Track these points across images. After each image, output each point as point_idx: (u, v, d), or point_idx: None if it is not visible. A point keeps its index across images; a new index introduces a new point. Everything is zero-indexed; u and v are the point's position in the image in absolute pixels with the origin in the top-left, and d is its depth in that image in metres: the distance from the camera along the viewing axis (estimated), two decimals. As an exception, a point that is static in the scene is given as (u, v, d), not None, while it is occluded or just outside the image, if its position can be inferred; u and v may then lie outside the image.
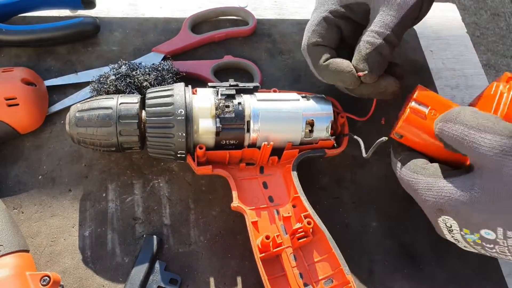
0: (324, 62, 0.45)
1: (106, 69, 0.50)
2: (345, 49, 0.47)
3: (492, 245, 0.37)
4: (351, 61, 0.45)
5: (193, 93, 0.44)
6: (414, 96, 0.42)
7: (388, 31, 0.43)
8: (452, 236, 0.40)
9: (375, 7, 0.45)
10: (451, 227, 0.38)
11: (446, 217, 0.38)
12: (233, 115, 0.43)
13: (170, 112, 0.41)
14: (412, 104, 0.41)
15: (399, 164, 0.42)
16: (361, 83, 0.44)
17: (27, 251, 0.39)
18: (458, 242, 0.40)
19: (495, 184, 0.34)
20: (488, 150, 0.34)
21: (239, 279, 0.43)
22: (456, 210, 0.36)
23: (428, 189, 0.38)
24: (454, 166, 0.40)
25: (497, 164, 0.34)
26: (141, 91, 0.48)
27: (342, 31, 0.47)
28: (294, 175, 0.44)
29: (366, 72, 0.43)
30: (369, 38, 0.43)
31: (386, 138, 0.42)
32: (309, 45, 0.46)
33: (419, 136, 0.41)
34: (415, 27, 0.60)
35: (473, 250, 0.40)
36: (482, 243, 0.37)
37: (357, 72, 0.44)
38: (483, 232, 0.36)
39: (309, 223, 0.41)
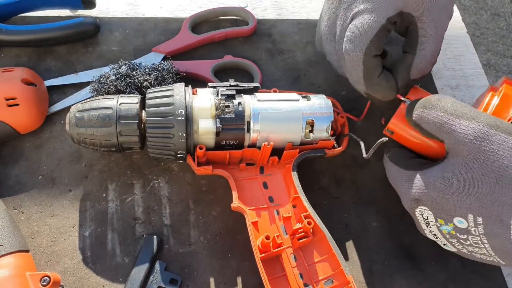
0: (378, 76, 0.43)
1: (106, 69, 0.50)
2: None
3: (465, 236, 0.37)
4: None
5: (193, 93, 0.44)
6: (407, 95, 0.43)
7: (436, 58, 0.43)
8: (431, 231, 0.40)
9: (425, 26, 0.41)
10: (427, 219, 0.39)
11: (422, 207, 0.39)
12: (233, 115, 0.43)
13: (170, 113, 0.41)
14: (405, 102, 0.43)
15: (387, 160, 0.44)
16: None
17: (27, 251, 0.39)
18: (437, 238, 0.41)
19: (467, 170, 0.35)
20: (464, 136, 0.35)
21: (239, 280, 0.43)
22: (431, 198, 0.37)
23: (407, 181, 0.40)
24: None
25: (471, 149, 0.35)
26: (141, 91, 0.48)
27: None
28: (294, 175, 0.44)
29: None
30: (422, 66, 0.42)
31: (387, 138, 0.43)
32: (366, 55, 0.42)
33: (407, 133, 0.42)
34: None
35: (451, 248, 0.41)
36: (457, 234, 0.38)
37: (398, 93, 0.43)
38: (455, 220, 0.37)
39: (309, 223, 0.41)
